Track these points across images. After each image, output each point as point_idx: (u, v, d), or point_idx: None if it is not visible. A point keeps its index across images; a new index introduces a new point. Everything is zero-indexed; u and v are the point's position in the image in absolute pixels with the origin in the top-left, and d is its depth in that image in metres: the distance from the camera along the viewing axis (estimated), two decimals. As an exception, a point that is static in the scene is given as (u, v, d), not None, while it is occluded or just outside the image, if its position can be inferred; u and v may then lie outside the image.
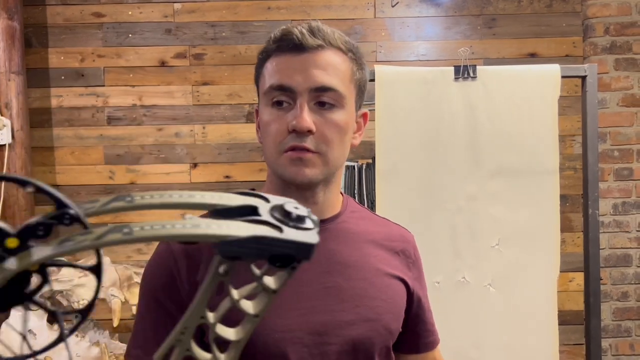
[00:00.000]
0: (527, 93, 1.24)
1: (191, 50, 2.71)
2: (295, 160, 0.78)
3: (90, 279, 2.18)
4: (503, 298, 1.26)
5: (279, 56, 0.79)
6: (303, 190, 0.81)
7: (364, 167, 2.11)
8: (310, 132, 0.77)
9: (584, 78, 1.28)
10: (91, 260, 0.36)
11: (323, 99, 0.78)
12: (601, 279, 2.71)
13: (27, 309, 0.33)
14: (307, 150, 0.77)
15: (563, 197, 2.70)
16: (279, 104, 0.79)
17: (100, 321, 2.35)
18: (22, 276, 0.32)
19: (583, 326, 2.73)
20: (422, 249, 0.75)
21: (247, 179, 2.72)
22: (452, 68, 1.25)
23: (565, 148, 2.75)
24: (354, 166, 2.18)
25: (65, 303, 2.15)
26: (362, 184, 2.11)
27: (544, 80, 1.25)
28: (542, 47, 2.77)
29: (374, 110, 1.23)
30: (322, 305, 0.79)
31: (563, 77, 1.26)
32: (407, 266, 0.88)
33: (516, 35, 2.76)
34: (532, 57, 2.77)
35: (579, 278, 2.71)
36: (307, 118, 0.76)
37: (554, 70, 1.26)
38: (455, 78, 1.23)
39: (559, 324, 2.64)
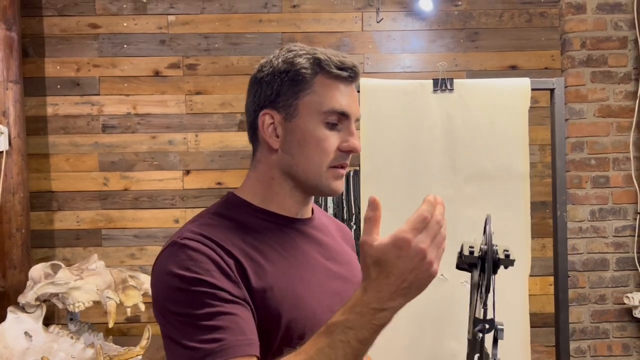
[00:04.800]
0: (500, 104, 1.34)
1: (184, 61, 2.80)
2: (341, 176, 0.92)
3: (86, 281, 2.24)
4: (478, 294, 1.36)
5: (341, 83, 0.90)
6: (313, 196, 0.97)
7: (351, 173, 2.21)
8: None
9: (552, 90, 1.38)
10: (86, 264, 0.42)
11: (355, 126, 0.93)
12: (579, 283, 2.82)
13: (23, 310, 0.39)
14: (346, 167, 0.93)
15: (543, 204, 2.81)
16: (333, 125, 0.90)
17: (95, 324, 2.41)
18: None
19: (562, 328, 2.83)
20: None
21: (238, 185, 2.79)
22: (431, 81, 1.34)
23: (545, 156, 2.87)
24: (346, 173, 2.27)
25: (60, 306, 2.21)
26: (349, 189, 2.21)
27: (515, 93, 1.35)
28: (522, 60, 2.89)
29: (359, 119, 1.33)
30: (336, 287, 0.93)
31: (533, 89, 1.36)
32: (352, 251, 1.07)
33: (498, 48, 2.88)
34: (513, 70, 2.89)
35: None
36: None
37: (524, 83, 1.36)
38: (434, 90, 1.33)
39: (539, 326, 2.74)
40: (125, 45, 2.79)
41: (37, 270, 2.21)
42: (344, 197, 2.24)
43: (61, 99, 2.77)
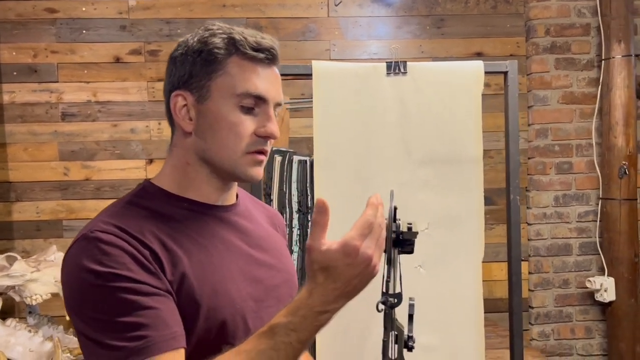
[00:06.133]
0: (454, 87, 1.33)
1: (146, 47, 2.74)
2: (259, 163, 0.88)
3: (44, 273, 2.19)
4: (433, 279, 1.35)
5: (258, 64, 0.86)
6: (231, 182, 0.92)
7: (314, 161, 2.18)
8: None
9: (505, 74, 1.38)
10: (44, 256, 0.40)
11: (275, 111, 0.89)
12: (543, 268, 2.86)
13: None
14: (266, 153, 0.89)
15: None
16: (249, 109, 0.86)
17: (56, 317, 2.36)
18: None
19: (526, 313, 2.87)
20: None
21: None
22: (384, 64, 1.33)
23: (510, 143, 2.89)
24: (305, 160, 2.24)
25: (18, 299, 2.15)
26: (313, 177, 2.18)
27: (469, 76, 1.34)
28: (488, 46, 2.89)
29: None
30: (259, 275, 0.91)
31: (486, 72, 1.35)
32: (282, 238, 1.04)
33: (463, 35, 2.88)
34: (479, 57, 2.89)
35: (523, 268, 2.85)
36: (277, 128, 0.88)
37: (477, 66, 1.35)
38: (387, 73, 1.31)
39: (501, 312, 2.77)
40: (84, 31, 2.71)
41: (-8, 263, 2.14)
42: (308, 185, 2.22)
43: (18, 86, 2.69)
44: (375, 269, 0.75)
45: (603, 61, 2.75)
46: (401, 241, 0.79)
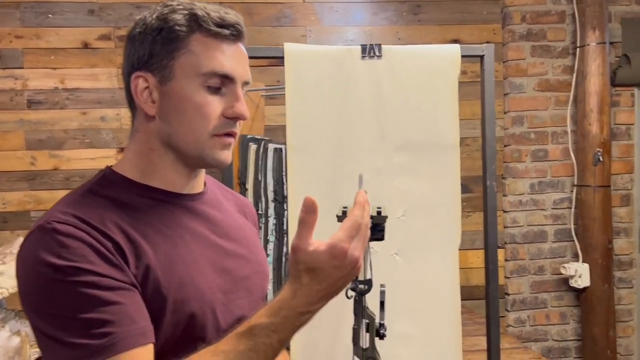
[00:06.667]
0: (430, 71, 1.30)
1: (116, 32, 2.65)
2: (227, 146, 0.83)
3: (9, 267, 2.11)
4: (409, 266, 1.33)
5: (223, 42, 0.81)
6: (197, 168, 0.87)
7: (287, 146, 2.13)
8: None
9: (481, 57, 1.35)
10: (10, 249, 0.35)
11: (243, 91, 0.84)
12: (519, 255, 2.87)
13: None
14: (235, 136, 0.84)
15: (485, 178, 2.84)
16: (215, 89, 0.81)
17: (22, 311, 2.28)
18: None
19: (502, 300, 2.89)
20: (333, 221, 0.79)
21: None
22: (359, 47, 1.29)
23: (487, 131, 2.88)
24: (281, 148, 2.20)
25: (-17, 292, 2.08)
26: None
27: (445, 60, 1.31)
28: (464, 33, 2.88)
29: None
30: (228, 265, 0.86)
31: (463, 56, 1.33)
32: (253, 227, 1.00)
33: (440, 22, 2.85)
34: (456, 43, 2.87)
35: (500, 255, 2.86)
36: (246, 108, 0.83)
37: (454, 49, 1.32)
38: (362, 57, 1.28)
39: (477, 299, 2.78)
40: (50, 15, 2.61)
41: (-46, 256, 2.06)
42: (284, 172, 2.18)
43: (-19, 72, 2.58)
44: (360, 269, 0.75)
45: (578, 48, 2.76)
46: (371, 227, 0.76)
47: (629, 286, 2.91)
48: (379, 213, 0.79)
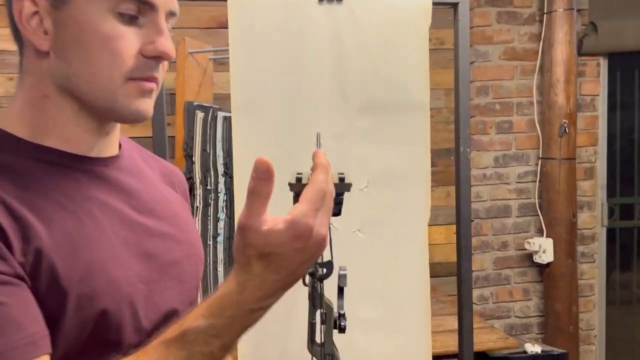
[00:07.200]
0: (397, 21, 1.14)
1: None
2: (148, 93, 0.65)
3: None
4: (373, 244, 1.18)
5: None
6: (108, 122, 0.67)
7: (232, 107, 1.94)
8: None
9: (455, 6, 1.19)
10: None
11: (168, 24, 0.65)
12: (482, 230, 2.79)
13: None
14: (157, 82, 0.66)
15: (448, 151, 2.70)
16: (131, 18, 0.61)
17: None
18: None
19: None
20: (286, 194, 0.61)
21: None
22: (316, -12, 1.11)
23: (451, 101, 2.74)
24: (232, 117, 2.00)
25: None
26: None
27: (414, 8, 1.15)
28: (428, -2, 2.72)
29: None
30: (153, 248, 0.69)
31: (434, 4, 1.16)
32: (183, 201, 0.81)
33: (403, -16, 2.68)
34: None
35: (463, 230, 2.77)
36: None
37: (424, -4, 1.16)
38: (319, 1, 1.10)
39: (444, 276, 2.69)
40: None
41: None
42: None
43: None
44: (325, 248, 0.58)
45: (545, 15, 2.65)
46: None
47: (590, 260, 2.88)
48: (341, 180, 0.61)
